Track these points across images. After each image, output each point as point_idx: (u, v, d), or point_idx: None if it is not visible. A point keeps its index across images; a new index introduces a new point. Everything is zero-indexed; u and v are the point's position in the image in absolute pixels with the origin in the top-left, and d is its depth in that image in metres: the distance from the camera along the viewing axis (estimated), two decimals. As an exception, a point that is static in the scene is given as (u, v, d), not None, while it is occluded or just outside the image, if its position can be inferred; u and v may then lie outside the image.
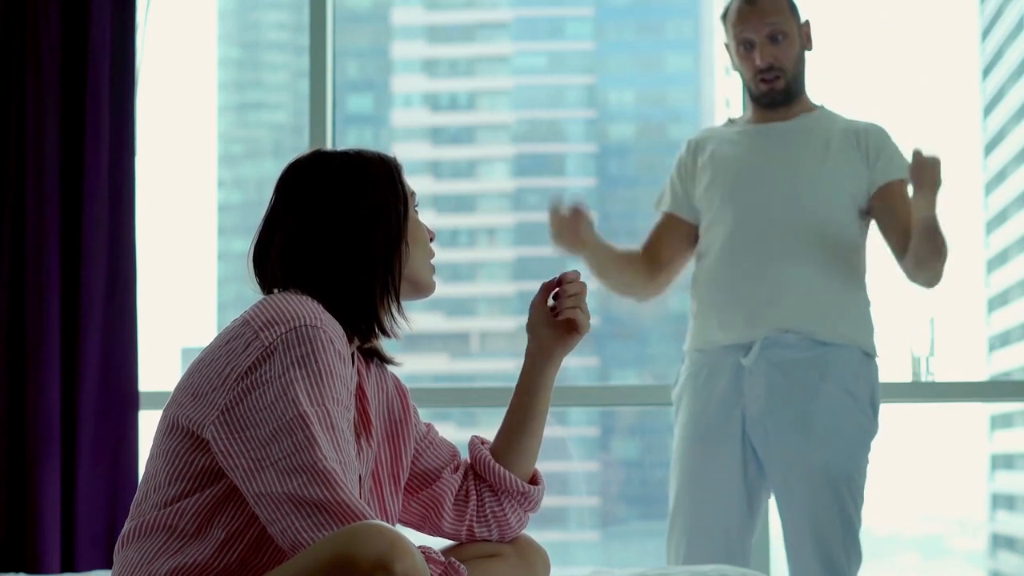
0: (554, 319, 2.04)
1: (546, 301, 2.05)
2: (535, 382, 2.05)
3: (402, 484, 2.02)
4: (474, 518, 2.05)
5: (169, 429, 1.79)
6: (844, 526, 2.92)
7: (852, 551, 2.94)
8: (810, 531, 2.93)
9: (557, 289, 2.05)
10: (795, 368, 2.95)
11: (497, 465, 2.04)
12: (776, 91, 3.04)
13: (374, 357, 2.02)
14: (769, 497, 3.06)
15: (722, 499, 3.01)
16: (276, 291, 1.90)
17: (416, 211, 1.98)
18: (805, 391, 2.94)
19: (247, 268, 1.93)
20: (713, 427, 3.01)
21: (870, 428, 2.97)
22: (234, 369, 1.73)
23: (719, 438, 3.00)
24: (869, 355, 2.99)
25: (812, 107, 3.11)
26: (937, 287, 3.01)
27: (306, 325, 1.74)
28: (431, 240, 1.99)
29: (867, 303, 3.04)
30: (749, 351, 2.98)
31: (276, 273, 1.90)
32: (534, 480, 2.09)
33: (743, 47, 3.05)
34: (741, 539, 3.03)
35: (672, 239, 3.17)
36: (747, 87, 3.11)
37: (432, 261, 1.99)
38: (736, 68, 3.12)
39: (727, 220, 3.05)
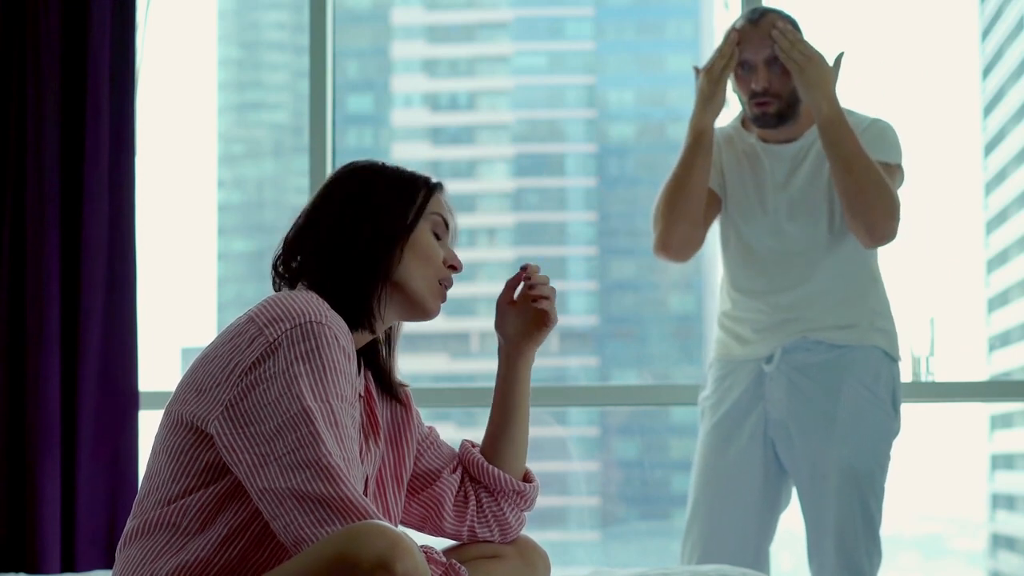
0: (522, 314, 2.04)
1: (511, 299, 2.06)
2: (511, 381, 2.07)
3: (405, 485, 2.03)
4: (475, 519, 2.06)
5: (172, 425, 1.80)
6: (865, 524, 2.94)
7: (873, 549, 2.95)
8: (833, 529, 2.94)
9: (522, 284, 2.06)
10: (816, 370, 2.97)
11: (490, 466, 2.06)
12: (768, 115, 3.03)
13: (382, 382, 2.02)
14: (789, 501, 3.07)
15: (740, 501, 3.02)
16: (283, 288, 1.92)
17: (436, 235, 1.97)
18: (827, 391, 2.95)
19: (274, 259, 1.95)
20: (734, 430, 3.03)
21: (891, 427, 2.99)
22: (238, 365, 1.74)
23: (739, 441, 3.02)
24: (890, 356, 3.00)
25: None
26: (887, 242, 2.94)
27: (311, 321, 1.75)
28: (454, 270, 1.98)
29: (886, 308, 3.04)
30: (770, 360, 3.00)
31: (288, 266, 1.93)
32: (527, 479, 2.11)
33: (741, 68, 3.03)
34: (758, 542, 3.04)
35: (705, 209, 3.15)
36: (743, 108, 3.11)
37: (448, 292, 1.98)
38: (734, 89, 3.11)
39: (740, 253, 3.08)
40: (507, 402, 2.07)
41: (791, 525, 3.09)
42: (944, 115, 4.32)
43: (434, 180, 1.99)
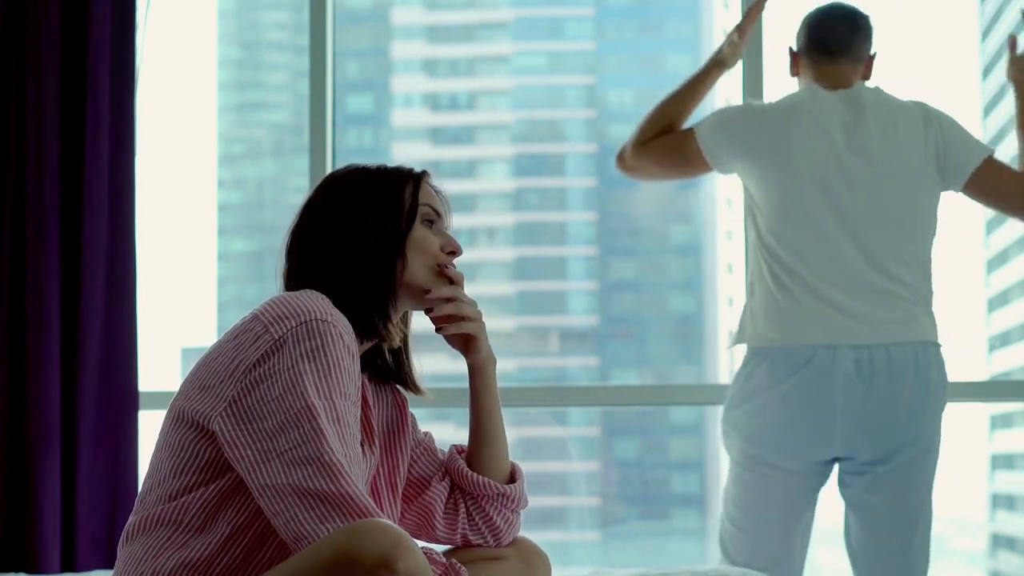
0: (454, 341, 2.07)
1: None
2: (476, 390, 2.09)
3: (399, 492, 2.03)
4: (466, 526, 2.07)
5: (175, 422, 1.80)
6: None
7: None
8: None
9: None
10: None
11: (471, 473, 2.06)
12: None
13: (392, 380, 2.05)
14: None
15: None
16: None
17: (427, 224, 1.98)
18: None
19: (278, 263, 1.97)
20: None
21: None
22: (242, 362, 1.74)
23: None
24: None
25: None
26: None
27: (316, 319, 1.76)
28: (453, 255, 1.99)
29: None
30: None
31: (291, 271, 1.95)
32: (513, 478, 2.10)
33: None
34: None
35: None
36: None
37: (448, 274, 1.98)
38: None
39: None
40: (477, 409, 2.08)
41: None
42: (944, 115, 4.31)
43: (417, 170, 2.01)
